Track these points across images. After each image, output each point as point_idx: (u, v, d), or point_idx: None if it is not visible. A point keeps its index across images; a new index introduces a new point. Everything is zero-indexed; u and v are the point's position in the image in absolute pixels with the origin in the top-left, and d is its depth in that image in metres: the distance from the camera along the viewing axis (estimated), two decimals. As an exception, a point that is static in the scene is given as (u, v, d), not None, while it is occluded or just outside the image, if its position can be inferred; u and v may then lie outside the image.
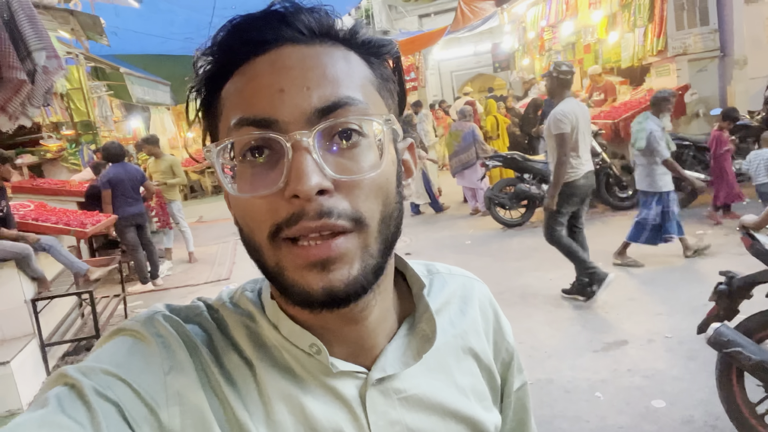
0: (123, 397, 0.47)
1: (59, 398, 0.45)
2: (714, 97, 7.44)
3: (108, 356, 0.51)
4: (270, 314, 0.57)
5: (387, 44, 0.57)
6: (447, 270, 0.72)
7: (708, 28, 7.32)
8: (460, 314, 0.68)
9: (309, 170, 0.47)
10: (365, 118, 0.51)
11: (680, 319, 3.87)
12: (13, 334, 4.09)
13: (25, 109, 2.75)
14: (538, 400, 3.15)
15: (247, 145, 0.50)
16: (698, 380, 3.11)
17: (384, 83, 0.56)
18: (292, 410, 0.54)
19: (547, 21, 11.23)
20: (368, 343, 0.58)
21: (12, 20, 2.51)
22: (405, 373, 0.59)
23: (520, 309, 4.53)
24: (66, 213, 5.31)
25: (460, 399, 0.62)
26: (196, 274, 6.88)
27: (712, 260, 4.87)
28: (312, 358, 0.56)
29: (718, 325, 2.37)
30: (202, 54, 0.54)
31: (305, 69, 0.50)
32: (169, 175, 7.06)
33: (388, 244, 0.54)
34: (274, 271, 0.51)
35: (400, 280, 0.65)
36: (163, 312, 0.56)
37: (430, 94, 18.13)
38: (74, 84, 7.72)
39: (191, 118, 0.57)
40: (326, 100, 0.49)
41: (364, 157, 0.51)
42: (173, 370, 0.50)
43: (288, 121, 0.49)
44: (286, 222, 0.49)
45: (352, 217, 0.49)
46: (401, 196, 0.56)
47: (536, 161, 7.18)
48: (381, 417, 0.57)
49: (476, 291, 0.71)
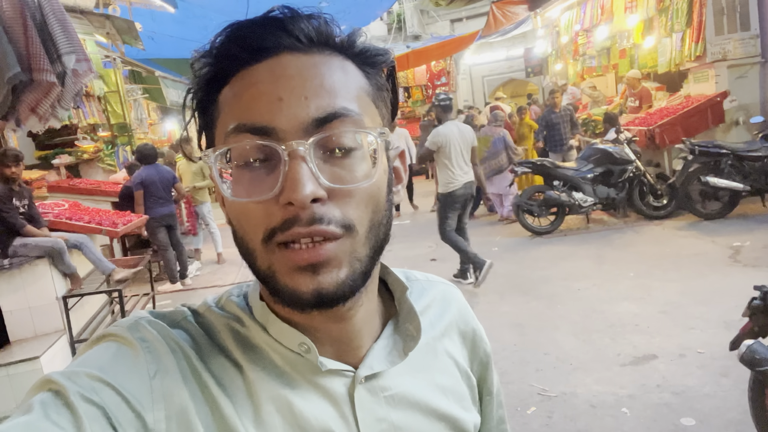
0: (108, 401, 0.47)
1: (44, 404, 0.45)
2: (754, 104, 7.18)
3: (93, 361, 0.51)
4: (258, 315, 0.58)
5: (383, 54, 0.58)
6: (425, 278, 0.76)
7: (749, 34, 7.07)
8: (439, 318, 0.70)
9: (304, 179, 0.48)
10: (360, 131, 0.52)
11: (714, 334, 3.73)
12: (44, 330, 4.20)
13: (55, 110, 2.82)
14: (562, 414, 3.07)
15: (245, 151, 0.51)
16: (731, 399, 2.98)
17: (378, 93, 0.58)
18: (281, 409, 0.54)
19: (581, 25, 11.03)
20: (354, 342, 0.60)
21: (43, 23, 2.58)
22: (390, 372, 0.61)
23: (546, 319, 4.44)
24: (99, 213, 5.45)
25: (440, 398, 0.64)
26: (224, 275, 6.97)
27: (751, 272, 4.69)
28: (300, 358, 0.57)
29: (751, 342, 2.25)
30: (200, 56, 0.54)
31: (304, 78, 0.51)
32: (200, 176, 7.19)
33: (376, 250, 0.55)
34: (266, 274, 0.52)
35: (381, 286, 0.67)
36: (147, 317, 0.56)
37: (461, 99, 18.01)
38: (111, 87, 7.93)
39: (187, 119, 0.57)
40: (323, 110, 0.50)
41: (357, 167, 0.52)
42: (159, 374, 0.50)
43: (285, 130, 0.50)
44: (280, 227, 0.50)
45: (343, 224, 0.51)
46: (391, 203, 0.58)
47: (566, 168, 7.05)
48: (368, 414, 0.58)
49: (454, 297, 0.75)
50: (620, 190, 6.94)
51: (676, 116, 7.16)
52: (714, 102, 7.13)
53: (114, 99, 8.02)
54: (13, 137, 5.64)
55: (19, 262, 4.14)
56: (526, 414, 3.14)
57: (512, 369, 3.67)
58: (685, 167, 6.57)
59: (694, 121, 7.13)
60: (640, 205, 7.03)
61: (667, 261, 5.38)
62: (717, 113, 7.14)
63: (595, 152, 7.06)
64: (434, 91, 16.89)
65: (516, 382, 3.49)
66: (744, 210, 6.60)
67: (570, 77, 12.94)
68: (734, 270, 4.88)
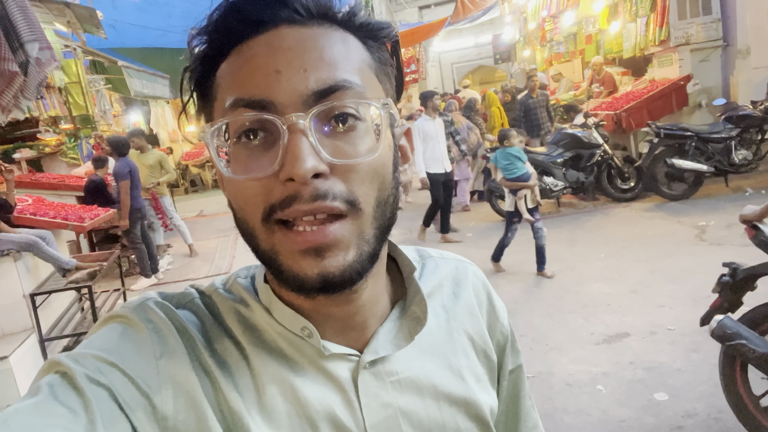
0: (115, 382, 0.47)
1: (51, 386, 0.45)
2: (717, 88, 7.37)
3: (99, 342, 0.50)
4: (263, 298, 0.57)
5: (385, 27, 0.56)
6: (439, 254, 0.72)
7: (710, 18, 7.24)
8: (453, 297, 0.68)
9: (305, 153, 0.46)
10: (362, 102, 0.50)
11: (683, 311, 3.85)
12: (12, 329, 4.07)
13: (18, 101, 2.72)
14: (539, 393, 3.13)
15: (243, 126, 0.50)
16: (701, 373, 3.08)
17: (382, 67, 0.56)
18: (284, 393, 0.54)
19: (548, 11, 11.15)
20: (360, 325, 0.58)
21: (4, 12, 2.47)
22: (397, 356, 0.59)
23: (522, 301, 4.50)
24: (64, 207, 5.29)
25: (453, 381, 0.62)
26: (196, 267, 6.86)
27: (716, 251, 4.84)
28: (304, 341, 0.56)
29: (721, 317, 2.33)
30: (197, 33, 0.53)
31: (303, 51, 0.49)
32: (157, 170, 7.00)
33: (384, 230, 0.54)
34: (269, 255, 0.51)
35: (392, 266, 0.65)
36: (154, 298, 0.56)
37: (430, 87, 18.03)
38: (72, 78, 7.68)
39: (185, 101, 0.56)
40: (323, 82, 0.49)
41: (360, 141, 0.50)
42: (165, 355, 0.50)
43: (284, 103, 0.48)
44: (280, 204, 0.48)
45: (347, 200, 0.49)
46: (397, 181, 0.56)
47: (537, 153, 7.13)
48: (373, 399, 0.57)
49: (470, 274, 0.71)
50: (589, 174, 7.05)
51: (642, 100, 7.31)
52: (678, 86, 7.29)
53: (75, 90, 7.77)
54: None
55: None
56: (504, 395, 3.18)
57: (490, 352, 3.72)
58: (651, 150, 6.72)
59: (659, 105, 7.30)
60: (609, 188, 7.16)
61: (635, 242, 5.51)
62: (681, 97, 7.31)
63: (564, 137, 7.15)
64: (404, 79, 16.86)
65: (494, 364, 3.54)
66: (708, 191, 6.78)
67: (538, 63, 13.07)
68: (700, 249, 5.03)
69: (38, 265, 4.54)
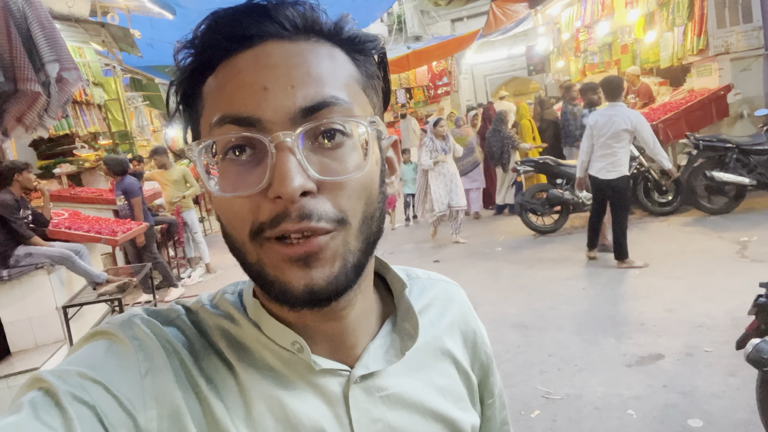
0: (99, 401, 0.46)
1: (33, 403, 0.44)
2: (759, 97, 7.09)
3: (84, 359, 0.49)
4: (252, 313, 0.57)
5: (372, 40, 0.56)
6: (426, 276, 0.74)
7: (751, 26, 6.98)
8: (440, 317, 0.69)
9: (293, 171, 0.46)
10: (350, 120, 0.50)
11: (721, 332, 3.66)
12: (44, 341, 4.19)
13: (42, 120, 2.80)
14: (566, 417, 3.02)
15: (230, 143, 0.49)
16: (739, 399, 2.92)
17: (369, 81, 0.56)
18: (273, 409, 0.53)
19: (582, 21, 10.97)
20: (349, 341, 0.58)
21: (27, 33, 2.55)
22: (387, 372, 0.60)
23: (550, 319, 4.38)
24: (98, 221, 5.43)
25: (438, 399, 0.63)
26: (228, 280, 6.91)
27: (759, 268, 4.61)
28: (294, 356, 0.55)
29: (758, 341, 2.19)
30: (182, 47, 0.52)
31: (290, 67, 0.49)
32: (182, 184, 7.11)
33: (370, 243, 0.53)
34: (256, 268, 0.51)
35: (380, 283, 0.66)
36: (140, 315, 0.55)
37: (463, 99, 17.97)
38: (111, 95, 7.94)
39: (171, 112, 0.55)
40: (311, 99, 0.49)
41: (348, 158, 0.50)
42: (150, 373, 0.49)
43: (271, 121, 0.48)
44: (269, 224, 0.48)
45: (335, 219, 0.49)
46: (384, 195, 0.56)
47: (569, 166, 6.97)
48: (363, 414, 0.57)
49: (456, 296, 0.73)
50: (625, 187, 6.85)
51: (680, 111, 7.08)
52: (718, 96, 7.04)
53: (114, 107, 8.03)
54: (11, 146, 5.63)
55: (18, 272, 4.13)
56: (530, 417, 3.08)
57: (516, 371, 3.62)
58: (690, 162, 6.49)
59: (697, 116, 7.06)
60: (645, 202, 6.95)
61: (672, 258, 5.31)
62: (721, 107, 7.06)
63: (598, 149, 6.97)
64: (436, 91, 16.86)
65: (519, 384, 3.44)
66: (750, 204, 6.50)
67: (572, 74, 12.85)
68: (742, 266, 4.80)
69: (72, 278, 4.67)
